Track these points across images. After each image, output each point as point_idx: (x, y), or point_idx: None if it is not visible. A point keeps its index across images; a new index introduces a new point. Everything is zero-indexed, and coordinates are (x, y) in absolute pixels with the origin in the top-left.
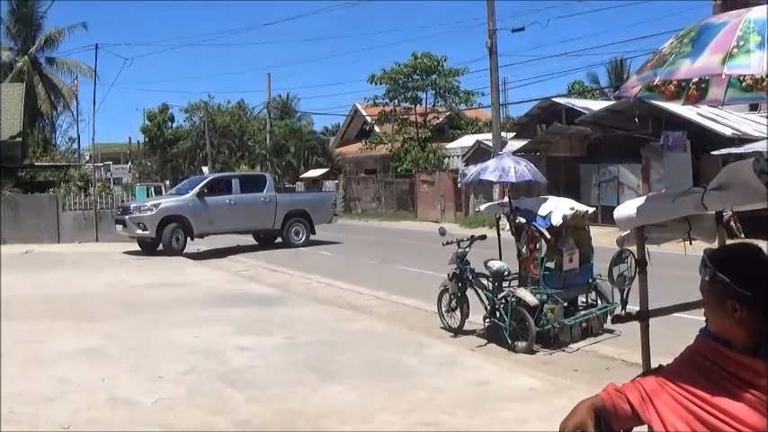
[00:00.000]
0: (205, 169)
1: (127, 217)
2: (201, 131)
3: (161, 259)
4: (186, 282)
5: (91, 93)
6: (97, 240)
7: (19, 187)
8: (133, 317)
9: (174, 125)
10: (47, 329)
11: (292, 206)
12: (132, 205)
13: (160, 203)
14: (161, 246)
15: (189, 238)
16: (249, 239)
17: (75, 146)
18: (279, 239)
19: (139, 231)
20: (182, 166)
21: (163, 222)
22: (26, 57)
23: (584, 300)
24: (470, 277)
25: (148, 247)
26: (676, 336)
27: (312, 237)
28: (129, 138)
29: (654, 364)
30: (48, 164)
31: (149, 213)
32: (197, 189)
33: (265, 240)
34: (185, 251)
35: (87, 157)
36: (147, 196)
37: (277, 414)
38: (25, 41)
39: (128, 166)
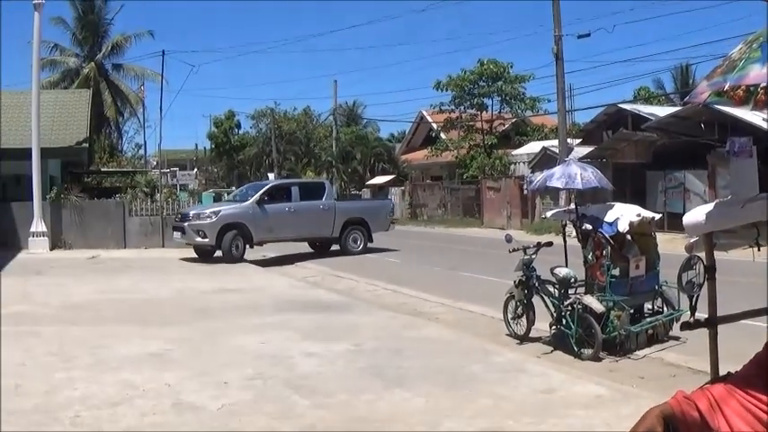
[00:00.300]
0: (271, 176)
1: (186, 224)
2: (268, 138)
3: (228, 265)
4: (253, 288)
5: (157, 99)
6: (163, 246)
7: (85, 193)
8: (199, 322)
9: (241, 132)
10: (113, 334)
11: (351, 214)
12: (191, 212)
13: (220, 211)
14: (218, 253)
15: (248, 246)
16: (305, 246)
17: (141, 152)
18: (335, 247)
19: (199, 239)
20: (248, 172)
21: (223, 230)
22: (93, 63)
23: (650, 307)
24: (536, 284)
25: (206, 254)
26: (745, 343)
27: (370, 244)
28: (196, 144)
29: (722, 372)
30: (114, 170)
31: (209, 221)
32: (257, 196)
33: (321, 248)
34: (247, 258)
35: (154, 164)
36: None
37: (343, 420)
38: (92, 48)
39: (194, 172)
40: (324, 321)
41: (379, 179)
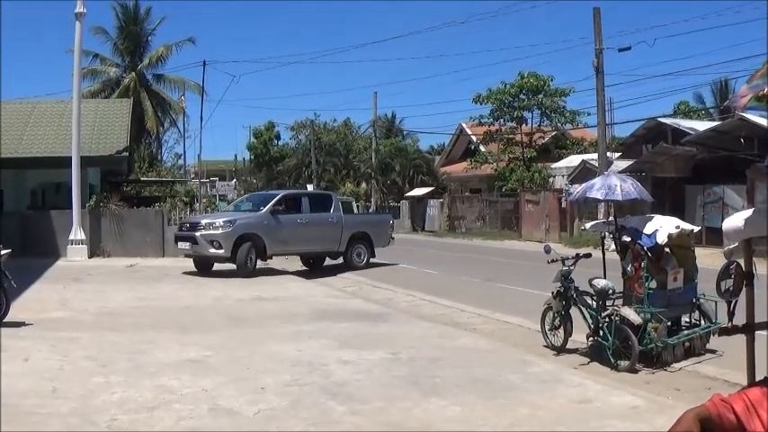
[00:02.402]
0: (310, 187)
1: (198, 234)
2: (307, 149)
3: (265, 274)
4: (290, 297)
5: (197, 109)
6: None
7: (124, 201)
8: (237, 329)
9: (280, 143)
10: (151, 340)
11: (356, 228)
12: (204, 221)
13: (236, 220)
14: (217, 266)
15: (259, 259)
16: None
17: (180, 162)
18: (329, 262)
19: (213, 250)
20: (287, 183)
21: (238, 241)
22: (134, 73)
23: (687, 319)
24: (574, 295)
25: (206, 267)
26: None
27: (372, 260)
28: (236, 155)
29: (758, 378)
30: (153, 179)
31: (224, 231)
32: (270, 206)
33: (315, 264)
34: (289, 270)
35: (193, 174)
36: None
37: (379, 427)
38: (133, 58)
39: (233, 182)
40: (361, 330)
41: (418, 191)
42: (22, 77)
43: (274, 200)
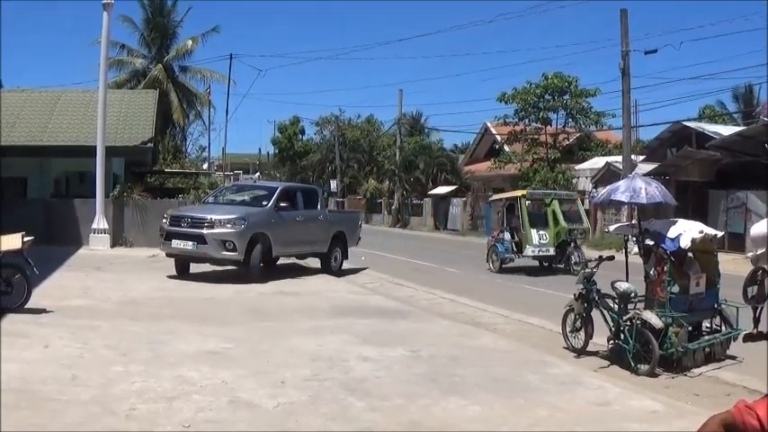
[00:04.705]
0: (333, 183)
1: (206, 232)
2: (331, 145)
3: (285, 269)
4: (311, 291)
5: (222, 102)
6: None
7: (148, 192)
8: (257, 322)
9: (305, 138)
10: (171, 331)
11: (337, 227)
12: (210, 216)
13: (247, 217)
14: (194, 267)
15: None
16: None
17: (205, 154)
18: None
19: (225, 252)
20: (310, 178)
21: (250, 242)
22: (160, 64)
23: (708, 325)
24: (596, 298)
25: (185, 269)
26: None
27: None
28: (260, 148)
29: None
30: (177, 170)
31: (237, 230)
32: (273, 202)
33: (270, 263)
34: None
35: (216, 166)
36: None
37: (397, 424)
38: (159, 49)
39: (256, 176)
40: (381, 327)
41: (441, 189)
42: (49, 68)
43: (276, 194)
